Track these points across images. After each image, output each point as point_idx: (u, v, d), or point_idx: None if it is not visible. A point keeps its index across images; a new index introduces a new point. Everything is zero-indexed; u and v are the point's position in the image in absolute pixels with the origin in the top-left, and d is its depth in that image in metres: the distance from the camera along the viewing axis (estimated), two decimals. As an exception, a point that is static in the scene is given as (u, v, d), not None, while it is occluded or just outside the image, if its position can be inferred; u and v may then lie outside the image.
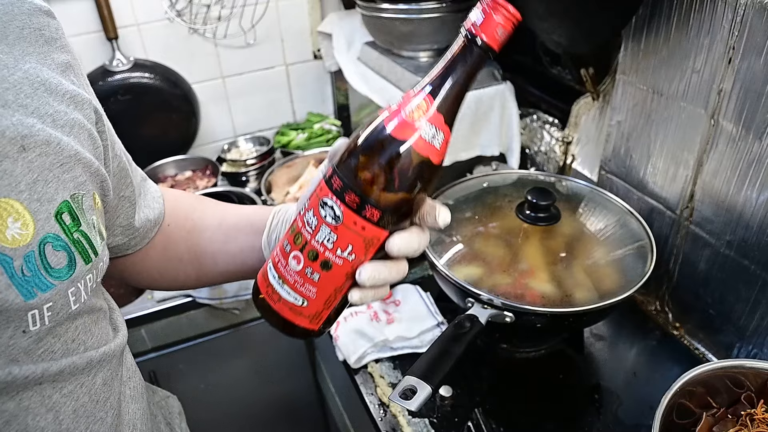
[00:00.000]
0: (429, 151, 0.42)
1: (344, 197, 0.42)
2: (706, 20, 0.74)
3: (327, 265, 0.44)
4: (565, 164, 1.15)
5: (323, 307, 0.46)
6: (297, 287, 0.45)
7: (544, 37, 0.89)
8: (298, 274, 0.45)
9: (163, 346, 1.21)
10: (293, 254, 0.45)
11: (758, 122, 0.70)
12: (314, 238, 0.44)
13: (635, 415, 0.80)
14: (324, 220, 0.43)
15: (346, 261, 0.44)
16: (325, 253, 0.44)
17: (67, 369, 0.41)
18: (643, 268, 0.79)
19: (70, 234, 0.40)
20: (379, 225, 0.43)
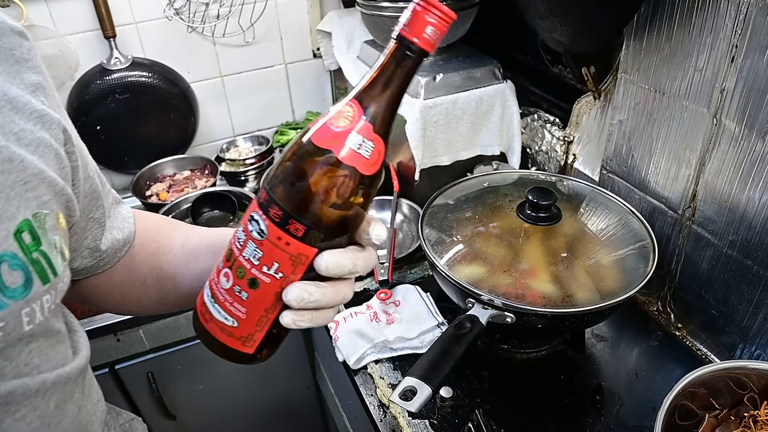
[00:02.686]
0: (354, 160, 0.39)
1: (268, 211, 0.40)
2: (709, 18, 0.73)
3: (254, 284, 0.42)
4: (566, 164, 1.14)
5: (255, 329, 0.44)
6: (226, 306, 0.43)
7: (545, 35, 0.89)
8: (227, 293, 0.43)
9: (161, 347, 1.21)
10: (224, 271, 0.43)
11: (761, 121, 0.70)
12: (242, 254, 0.42)
13: (637, 417, 0.79)
14: (250, 235, 0.41)
15: (274, 279, 0.42)
16: (251, 270, 0.42)
17: (18, 390, 0.40)
18: (644, 269, 0.78)
19: (28, 253, 0.39)
20: (305, 241, 0.41)
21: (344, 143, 0.39)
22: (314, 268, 0.42)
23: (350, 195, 0.40)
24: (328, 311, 0.45)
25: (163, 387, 1.25)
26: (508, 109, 1.15)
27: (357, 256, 0.43)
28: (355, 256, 0.43)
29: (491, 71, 1.12)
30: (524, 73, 1.21)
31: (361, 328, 0.92)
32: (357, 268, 0.43)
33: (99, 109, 1.37)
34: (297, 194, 0.40)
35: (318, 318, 0.44)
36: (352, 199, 0.40)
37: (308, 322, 0.44)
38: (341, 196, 0.40)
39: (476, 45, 1.21)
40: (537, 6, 0.81)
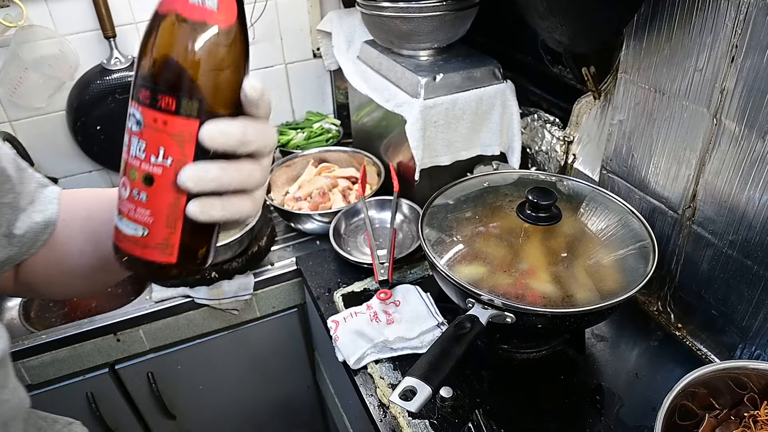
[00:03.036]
0: (200, 13, 0.38)
1: (138, 97, 0.39)
2: (709, 18, 0.73)
3: (148, 180, 0.40)
4: (566, 164, 1.14)
5: (167, 231, 0.41)
6: (131, 215, 0.41)
7: (545, 35, 0.89)
8: (129, 201, 0.41)
9: (161, 347, 1.21)
10: (121, 182, 0.41)
11: (761, 121, 0.70)
12: (129, 154, 0.40)
13: (637, 417, 0.79)
14: (131, 130, 0.40)
15: (165, 168, 0.39)
16: (141, 166, 0.39)
17: None
18: (644, 269, 0.78)
19: None
20: (182, 113, 0.38)
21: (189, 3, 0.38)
22: (203, 145, 0.39)
23: (207, 52, 0.38)
24: (242, 199, 0.42)
25: (163, 387, 1.25)
26: (508, 109, 1.15)
27: (246, 124, 0.40)
28: (244, 123, 0.40)
29: (491, 71, 1.12)
30: (524, 73, 1.21)
31: (361, 328, 0.92)
32: (248, 136, 0.40)
33: (99, 109, 1.37)
34: (156, 65, 0.38)
35: (231, 207, 0.41)
36: (211, 56, 0.39)
37: (220, 211, 0.40)
38: (196, 54, 0.38)
39: (476, 45, 1.21)
40: (537, 6, 0.81)
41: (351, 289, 1.06)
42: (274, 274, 1.21)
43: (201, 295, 1.15)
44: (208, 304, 1.16)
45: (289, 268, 1.21)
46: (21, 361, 1.08)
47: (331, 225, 1.17)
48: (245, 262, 1.17)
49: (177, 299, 1.15)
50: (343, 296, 1.04)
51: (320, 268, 1.14)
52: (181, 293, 1.15)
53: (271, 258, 1.24)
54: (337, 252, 1.11)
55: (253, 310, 1.25)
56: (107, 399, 1.21)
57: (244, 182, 0.41)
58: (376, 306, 0.97)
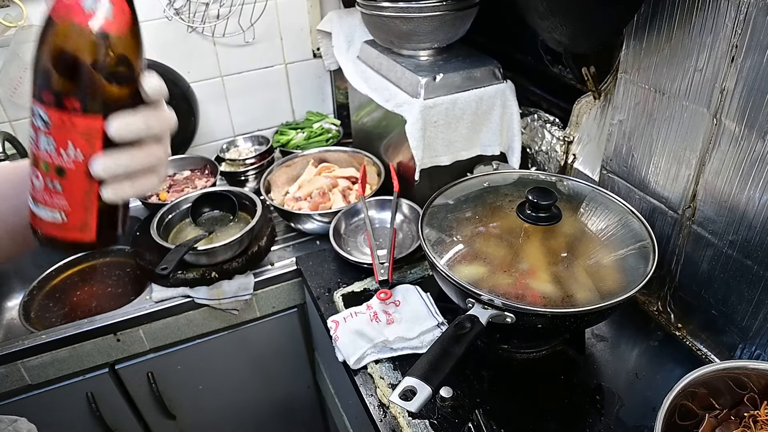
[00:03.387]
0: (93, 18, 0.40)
1: (42, 98, 0.41)
2: (709, 18, 0.73)
3: (61, 172, 0.43)
4: (566, 164, 1.14)
5: (85, 214, 0.45)
6: (48, 203, 0.44)
7: (545, 35, 0.89)
8: (44, 191, 0.44)
9: (161, 347, 1.21)
10: (33, 173, 0.44)
11: (761, 121, 0.70)
12: (38, 150, 0.43)
13: (637, 417, 0.79)
14: (38, 129, 0.42)
15: (77, 162, 0.43)
16: (52, 160, 0.43)
17: None
18: (644, 269, 0.78)
19: None
20: (87, 113, 0.41)
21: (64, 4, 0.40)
22: (110, 138, 0.43)
23: (104, 55, 0.41)
24: (150, 176, 0.46)
25: (163, 387, 1.25)
26: (508, 109, 1.15)
27: (149, 115, 0.43)
28: (147, 115, 0.43)
29: (491, 71, 1.12)
30: (524, 73, 1.21)
31: (361, 328, 0.92)
32: (152, 127, 0.44)
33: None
34: (55, 68, 0.40)
35: (140, 184, 0.45)
36: (109, 58, 0.41)
37: (130, 190, 0.45)
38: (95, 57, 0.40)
39: (476, 45, 1.21)
40: (537, 6, 0.81)
41: (351, 289, 1.06)
42: (274, 274, 1.21)
43: (201, 295, 1.15)
44: (208, 304, 1.16)
45: (289, 268, 1.21)
46: (21, 361, 1.08)
47: (331, 225, 1.17)
48: (245, 262, 1.17)
49: (177, 299, 1.15)
50: (343, 296, 1.04)
51: (320, 268, 1.14)
52: (181, 293, 1.15)
53: (271, 258, 1.24)
54: (337, 252, 1.11)
55: (253, 310, 1.25)
56: (107, 399, 1.21)
57: (150, 162, 0.45)
58: (376, 306, 0.97)
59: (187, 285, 1.14)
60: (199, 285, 1.14)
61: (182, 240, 1.14)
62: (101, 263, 1.41)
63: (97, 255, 1.42)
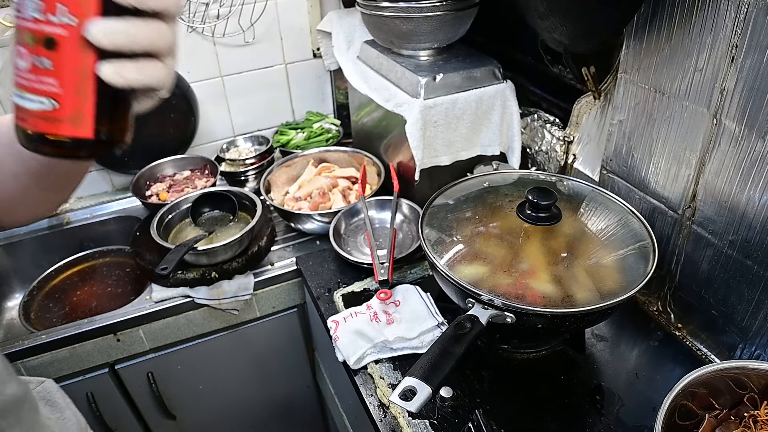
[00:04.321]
0: None
1: None
2: (709, 18, 0.73)
3: (50, 43, 0.36)
4: (566, 164, 1.14)
5: (79, 101, 0.37)
6: (35, 87, 0.37)
7: (545, 35, 0.89)
8: (30, 72, 0.37)
9: (161, 347, 1.21)
10: (18, 54, 0.37)
11: (761, 121, 0.70)
12: (23, 17, 0.36)
13: (637, 417, 0.79)
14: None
15: (69, 27, 0.36)
16: (39, 28, 0.36)
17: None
18: (644, 269, 0.78)
19: None
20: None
21: None
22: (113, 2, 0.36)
23: None
24: (155, 63, 0.40)
25: (163, 387, 1.25)
26: (508, 109, 1.15)
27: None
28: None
29: (491, 71, 1.12)
30: (524, 73, 1.21)
31: (361, 328, 0.92)
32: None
33: (99, 109, 1.37)
34: None
35: (145, 70, 0.39)
36: None
37: (134, 73, 0.38)
38: None
39: (476, 45, 1.21)
40: (537, 6, 0.81)
41: (351, 289, 1.06)
42: (274, 274, 1.21)
43: (201, 295, 1.15)
44: (208, 304, 1.16)
45: (289, 268, 1.21)
46: (21, 361, 1.08)
47: (331, 225, 1.17)
48: (245, 262, 1.17)
49: (177, 299, 1.15)
50: (343, 296, 1.04)
51: (320, 268, 1.14)
52: (181, 293, 1.15)
53: (271, 258, 1.24)
54: (337, 252, 1.11)
55: (253, 310, 1.25)
56: (107, 399, 1.21)
57: (155, 41, 0.39)
58: (376, 306, 0.97)
59: (187, 285, 1.14)
60: (199, 285, 1.14)
61: (182, 240, 1.14)
62: (101, 263, 1.41)
63: (97, 255, 1.42)
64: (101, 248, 1.43)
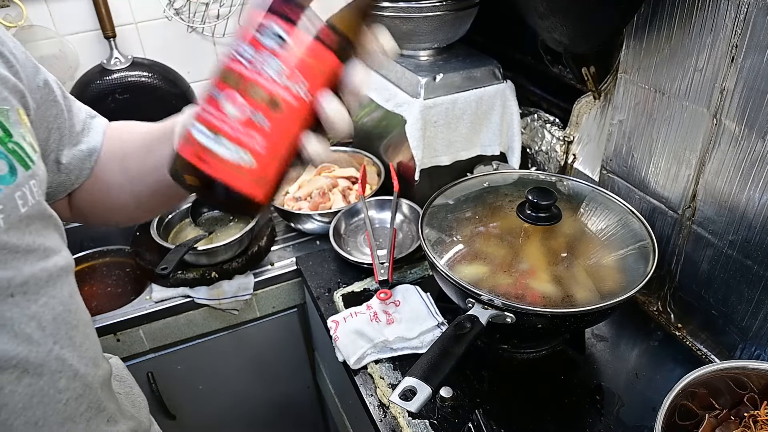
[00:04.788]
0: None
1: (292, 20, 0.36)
2: (709, 18, 0.73)
3: (276, 105, 0.36)
4: (566, 164, 1.14)
5: (271, 165, 0.38)
6: (242, 140, 0.37)
7: (545, 35, 0.89)
8: (242, 124, 0.36)
9: (161, 347, 1.21)
10: (231, 100, 0.37)
11: (761, 121, 0.70)
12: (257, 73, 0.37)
13: (637, 417, 0.79)
14: (266, 46, 0.36)
15: (298, 97, 0.37)
16: (273, 89, 0.36)
17: (31, 280, 0.45)
18: (644, 269, 0.78)
19: (4, 144, 0.43)
20: (335, 51, 0.37)
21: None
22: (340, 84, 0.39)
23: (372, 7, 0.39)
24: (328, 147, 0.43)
25: (163, 387, 1.25)
26: (508, 109, 1.15)
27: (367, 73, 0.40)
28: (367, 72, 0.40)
29: (491, 71, 1.12)
30: (524, 73, 1.21)
31: (361, 328, 0.92)
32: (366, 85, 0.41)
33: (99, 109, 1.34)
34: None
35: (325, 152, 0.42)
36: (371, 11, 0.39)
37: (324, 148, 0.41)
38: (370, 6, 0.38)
39: (476, 45, 1.21)
40: (537, 6, 0.81)
41: (351, 289, 1.06)
42: (274, 274, 1.21)
43: (201, 295, 1.15)
44: (208, 304, 1.16)
45: (289, 268, 1.21)
46: (21, 361, 1.08)
47: (331, 225, 1.17)
48: (245, 262, 1.17)
49: (177, 299, 1.15)
50: (343, 296, 1.04)
51: (320, 268, 1.14)
52: (181, 293, 1.15)
53: (271, 258, 1.24)
54: (337, 252, 1.11)
55: (253, 310, 1.24)
56: (107, 399, 1.20)
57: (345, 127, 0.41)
58: (376, 306, 0.97)
59: (187, 285, 1.14)
60: (199, 285, 1.14)
61: (182, 240, 1.14)
62: (101, 263, 1.41)
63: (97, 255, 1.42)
64: (101, 248, 1.43)
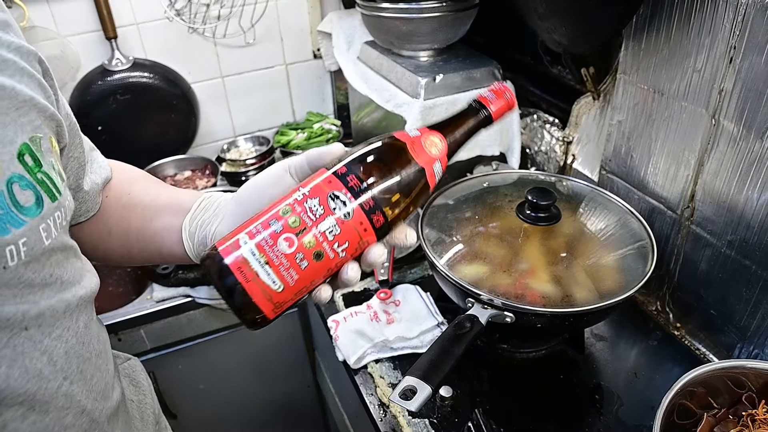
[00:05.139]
0: (432, 181, 0.49)
1: (359, 196, 0.45)
2: (707, 20, 0.74)
3: (320, 256, 0.45)
4: (565, 164, 1.14)
5: (292, 297, 0.46)
6: (281, 271, 0.44)
7: (545, 36, 0.89)
8: (287, 258, 0.44)
9: (162, 347, 1.21)
10: (285, 236, 0.44)
11: (759, 122, 0.70)
12: (316, 226, 0.45)
13: (636, 416, 0.79)
14: (332, 212, 0.45)
15: (337, 256, 0.46)
16: (323, 243, 0.45)
17: (47, 312, 0.44)
18: (643, 268, 0.79)
19: (33, 174, 0.42)
20: (377, 231, 0.47)
21: (434, 168, 0.49)
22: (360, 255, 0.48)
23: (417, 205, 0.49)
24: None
25: (164, 386, 1.25)
26: (508, 110, 1.15)
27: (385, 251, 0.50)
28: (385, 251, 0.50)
29: (491, 72, 1.13)
30: (524, 73, 1.21)
31: (361, 328, 0.92)
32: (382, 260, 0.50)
33: (100, 110, 1.37)
34: (390, 194, 0.46)
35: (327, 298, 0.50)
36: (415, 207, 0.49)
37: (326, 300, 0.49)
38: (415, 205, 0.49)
39: (476, 45, 1.22)
40: (537, 7, 0.81)
41: (351, 289, 1.06)
42: (275, 274, 1.21)
43: (202, 294, 1.15)
44: (208, 304, 1.17)
45: (290, 268, 1.21)
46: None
47: (331, 225, 1.17)
48: (246, 262, 1.17)
49: (178, 299, 1.15)
50: (344, 296, 1.04)
51: (320, 268, 1.14)
52: (182, 293, 1.15)
53: (271, 258, 1.24)
54: (337, 252, 1.11)
55: (253, 309, 1.25)
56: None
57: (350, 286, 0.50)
58: (376, 306, 0.97)
59: (188, 285, 1.15)
60: (199, 285, 1.15)
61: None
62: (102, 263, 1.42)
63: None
64: (102, 248, 1.44)
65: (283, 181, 0.52)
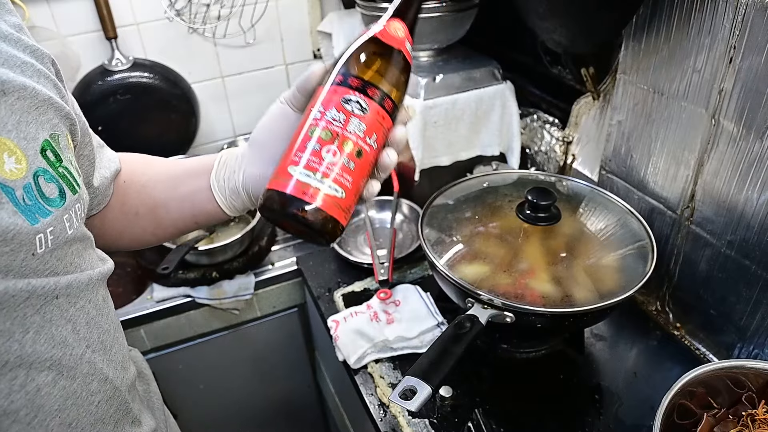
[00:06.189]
0: (410, 58, 0.55)
1: (366, 92, 0.50)
2: (707, 20, 0.74)
3: (360, 154, 0.50)
4: (565, 164, 1.15)
5: (353, 198, 0.51)
6: (338, 179, 0.49)
7: (545, 36, 0.89)
8: (337, 166, 0.49)
9: (162, 347, 1.21)
10: (327, 149, 0.49)
11: (759, 122, 0.70)
12: (346, 129, 0.49)
13: (636, 416, 0.80)
14: (352, 113, 0.49)
15: (372, 148, 0.51)
16: (358, 141, 0.50)
17: (74, 284, 0.47)
18: (643, 268, 0.79)
19: (55, 168, 0.45)
20: (391, 115, 0.52)
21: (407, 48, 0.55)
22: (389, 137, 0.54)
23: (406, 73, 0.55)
24: None
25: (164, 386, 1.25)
26: (508, 110, 1.15)
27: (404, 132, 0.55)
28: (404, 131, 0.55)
29: (491, 72, 1.13)
30: (524, 73, 1.21)
31: (361, 328, 0.92)
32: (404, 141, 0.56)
33: (100, 110, 1.37)
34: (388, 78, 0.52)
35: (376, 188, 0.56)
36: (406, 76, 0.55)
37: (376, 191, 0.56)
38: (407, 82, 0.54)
39: (476, 46, 1.22)
40: (536, 7, 0.81)
41: (351, 289, 1.06)
42: (275, 274, 1.21)
43: (202, 294, 1.15)
44: (208, 304, 1.17)
45: (290, 268, 1.21)
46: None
47: (331, 225, 1.17)
48: (246, 262, 1.17)
49: (178, 299, 1.15)
50: (344, 296, 1.04)
51: (320, 268, 1.14)
52: (182, 293, 1.15)
53: (271, 258, 1.24)
54: (337, 252, 1.11)
55: (253, 309, 1.25)
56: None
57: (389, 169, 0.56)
58: (376, 306, 0.97)
59: (188, 285, 1.15)
60: (199, 285, 1.15)
61: (183, 240, 1.14)
62: (102, 263, 1.42)
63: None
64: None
65: (287, 114, 0.56)
